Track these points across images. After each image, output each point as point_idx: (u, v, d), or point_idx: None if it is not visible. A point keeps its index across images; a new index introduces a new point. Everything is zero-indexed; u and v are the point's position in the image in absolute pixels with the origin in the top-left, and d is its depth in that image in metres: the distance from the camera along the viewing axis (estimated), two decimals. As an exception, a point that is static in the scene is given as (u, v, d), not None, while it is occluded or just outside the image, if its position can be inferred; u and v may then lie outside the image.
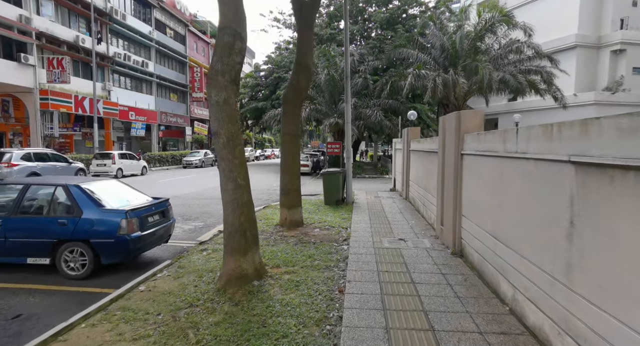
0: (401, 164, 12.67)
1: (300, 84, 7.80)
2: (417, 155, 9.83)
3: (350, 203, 10.79)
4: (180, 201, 12.19)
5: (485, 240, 4.55)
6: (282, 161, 8.02)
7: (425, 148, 8.52)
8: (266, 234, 7.30)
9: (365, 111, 23.52)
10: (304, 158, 25.05)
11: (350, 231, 7.39)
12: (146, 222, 5.66)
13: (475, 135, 5.05)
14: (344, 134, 23.94)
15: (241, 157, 4.71)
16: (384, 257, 5.56)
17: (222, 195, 4.73)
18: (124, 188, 6.37)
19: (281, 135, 8.07)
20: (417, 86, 22.42)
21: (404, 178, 11.79)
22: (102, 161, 19.60)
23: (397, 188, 14.38)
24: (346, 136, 10.96)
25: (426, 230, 7.42)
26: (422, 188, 8.90)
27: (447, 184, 6.01)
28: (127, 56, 29.52)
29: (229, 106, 4.60)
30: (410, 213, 9.29)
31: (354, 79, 24.50)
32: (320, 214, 9.30)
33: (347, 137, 10.97)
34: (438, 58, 23.32)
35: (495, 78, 20.26)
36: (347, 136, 10.97)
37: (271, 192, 15.25)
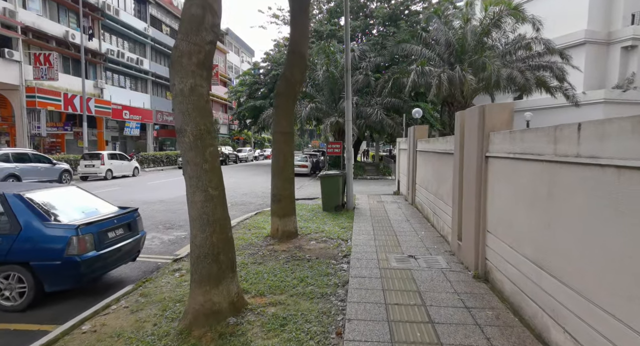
0: (406, 166, 11.68)
1: (294, 75, 6.82)
2: (426, 157, 8.85)
3: (351, 209, 9.81)
4: (165, 206, 11.23)
5: (522, 267, 3.56)
6: (273, 163, 7.05)
7: (437, 148, 7.53)
8: (254, 248, 6.32)
9: (367, 110, 22.53)
10: (303, 158, 24.08)
11: (351, 244, 6.41)
12: (105, 238, 4.69)
13: (505, 134, 4.07)
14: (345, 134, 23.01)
15: (213, 161, 3.74)
16: (392, 281, 4.58)
17: (188, 210, 3.76)
18: (84, 196, 5.39)
19: (272, 134, 7.09)
20: (421, 83, 21.47)
21: (410, 181, 10.81)
22: (91, 162, 18.64)
23: (401, 192, 13.40)
24: (346, 135, 9.99)
25: (439, 243, 6.43)
26: (432, 194, 7.91)
27: (468, 192, 5.03)
28: (121, 53, 28.58)
29: (197, 96, 3.63)
30: (418, 221, 8.30)
31: (354, 76, 23.51)
32: (317, 222, 8.32)
33: (348, 136, 9.99)
34: (443, 54, 22.33)
35: (503, 75, 19.27)
36: (348, 135, 9.99)
37: (266, 195, 14.26)
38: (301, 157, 24.83)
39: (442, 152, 7.05)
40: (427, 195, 8.57)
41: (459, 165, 5.44)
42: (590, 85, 24.32)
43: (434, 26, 22.00)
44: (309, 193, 14.46)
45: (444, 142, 6.96)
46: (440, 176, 7.26)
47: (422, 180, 9.30)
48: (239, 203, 12.17)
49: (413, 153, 10.39)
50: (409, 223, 8.12)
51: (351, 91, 10.09)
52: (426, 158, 8.85)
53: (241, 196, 13.78)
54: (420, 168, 9.75)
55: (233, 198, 13.22)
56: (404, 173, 12.92)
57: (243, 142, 54.15)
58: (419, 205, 9.65)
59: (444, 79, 19.45)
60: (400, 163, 14.01)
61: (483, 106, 4.65)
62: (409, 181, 10.95)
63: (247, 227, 7.95)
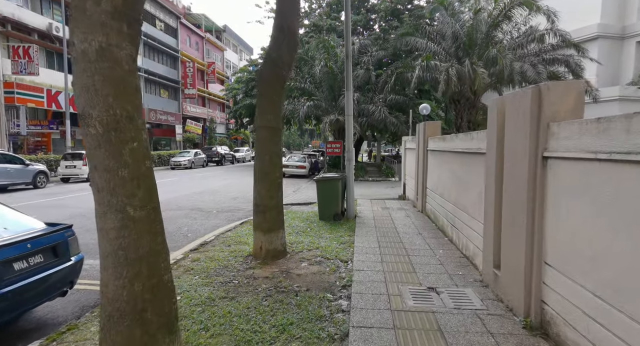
0: (414, 168, 10.34)
1: (282, 56, 5.48)
2: (441, 157, 7.49)
3: (353, 219, 8.47)
4: (141, 213, 9.88)
5: (625, 332, 2.22)
6: (256, 165, 5.72)
7: (457, 147, 6.17)
8: (229, 273, 4.98)
9: (368, 107, 21.19)
10: (301, 158, 22.75)
11: (352, 267, 5.07)
12: (10, 270, 3.36)
13: (581, 124, 2.72)
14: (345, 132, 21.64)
15: (137, 164, 2.41)
16: (411, 335, 3.23)
17: (98, 240, 2.42)
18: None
19: (255, 128, 5.75)
20: (426, 79, 20.17)
21: (419, 185, 9.46)
22: (72, 162, 17.32)
23: (408, 196, 12.05)
24: (347, 132, 8.64)
25: (463, 267, 5.08)
26: (450, 202, 6.56)
27: (511, 206, 3.68)
28: (111, 48, 27.22)
29: (110, 63, 2.29)
30: (433, 234, 6.95)
31: (355, 71, 22.19)
32: (312, 235, 6.98)
33: (348, 133, 8.65)
34: (449, 48, 20.98)
35: (517, 69, 17.93)
36: (348, 132, 8.64)
37: (259, 199, 12.90)
38: (299, 157, 23.50)
39: (465, 152, 5.70)
40: (442, 202, 7.21)
41: (496, 169, 4.09)
42: (603, 81, 22.97)
43: (440, 18, 20.68)
44: (305, 197, 13.12)
45: (467, 139, 5.61)
46: (461, 181, 5.91)
47: (435, 184, 7.94)
48: (225, 209, 10.84)
49: (423, 154, 9.04)
50: (422, 237, 6.77)
51: (352, 82, 8.75)
52: (441, 159, 7.49)
53: (230, 200, 12.44)
54: (432, 171, 8.40)
55: (220, 203, 11.88)
56: (410, 175, 11.58)
57: (241, 141, 52.82)
58: (431, 213, 8.29)
59: (453, 73, 18.12)
60: (406, 165, 12.66)
61: (538, 86, 3.30)
62: (418, 185, 9.61)
63: (226, 242, 6.61)
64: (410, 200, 11.37)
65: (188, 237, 7.60)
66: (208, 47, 45.28)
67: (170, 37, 36.48)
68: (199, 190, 15.08)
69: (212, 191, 14.80)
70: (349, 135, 8.63)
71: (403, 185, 12.93)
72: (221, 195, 13.59)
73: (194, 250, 6.17)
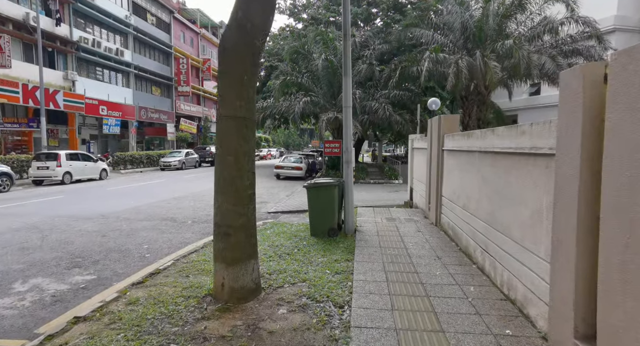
0: (425, 170, 8.78)
1: (251, 17, 3.91)
2: (465, 159, 5.91)
3: (351, 234, 6.90)
4: (99, 225, 8.32)
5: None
6: (217, 169, 4.13)
7: (491, 146, 4.58)
8: (169, 329, 3.40)
9: (371, 104, 19.61)
10: (297, 159, 21.18)
11: (349, 319, 3.51)
12: None
13: None
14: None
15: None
16: None
17: None
18: None
19: (217, 119, 4.16)
20: (434, 73, 18.61)
21: (432, 192, 7.89)
22: (45, 163, 15.76)
23: (416, 203, 10.47)
24: (344, 129, 7.06)
25: (510, 320, 3.50)
26: (481, 219, 4.97)
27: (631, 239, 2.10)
28: (97, 42, 25.73)
29: None
30: (456, 260, 5.37)
31: (357, 66, 20.65)
32: (298, 260, 5.41)
33: (346, 130, 7.06)
34: (457, 40, 19.43)
35: (535, 61, 16.36)
36: (346, 129, 7.06)
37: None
38: (295, 157, 21.91)
39: (507, 152, 4.11)
40: (466, 217, 5.64)
41: (583, 179, 2.51)
42: (621, 77, 21.43)
43: (448, 8, 19.12)
44: (299, 204, 11.56)
45: (512, 135, 4.01)
46: (499, 192, 4.33)
47: (456, 193, 6.36)
48: (202, 219, 9.27)
49: (438, 154, 7.46)
50: (441, 262, 5.19)
51: (350, 66, 7.21)
52: (464, 161, 5.91)
53: (211, 208, 10.82)
54: (450, 176, 6.82)
55: (199, 211, 10.32)
56: (419, 179, 10.01)
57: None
58: (449, 228, 6.72)
59: (463, 65, 16.57)
60: (414, 167, 11.09)
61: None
62: (430, 192, 8.03)
63: (185, 271, 5.03)
64: (419, 209, 9.79)
65: (145, 258, 6.03)
66: (203, 43, 43.73)
67: (162, 32, 34.93)
68: (181, 194, 13.51)
69: (195, 195, 13.23)
70: (347, 132, 7.05)
71: (410, 190, 11.35)
72: (204, 200, 12.02)
73: (139, 283, 4.60)
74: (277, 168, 20.15)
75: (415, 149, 11.05)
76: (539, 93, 26.03)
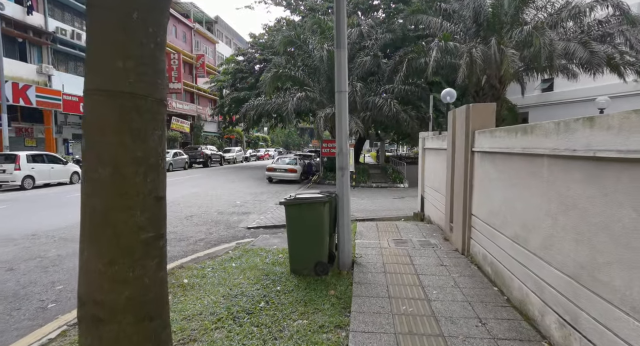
0: (444, 177, 6.83)
1: None
2: (517, 167, 3.93)
3: (348, 270, 4.94)
4: (16, 250, 6.38)
5: None
6: (82, 197, 2.14)
7: (593, 146, 2.59)
8: None
9: (374, 100, 17.65)
10: (292, 160, 19.22)
11: None
12: None
13: None
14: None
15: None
16: None
17: None
18: None
19: (84, 99, 2.21)
20: (443, 65, 16.67)
21: (456, 206, 5.94)
22: (1, 166, 13.86)
23: (429, 216, 8.51)
24: (338, 122, 5.08)
25: None
26: (562, 270, 3.01)
27: None
28: (77, 34, 23.83)
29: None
30: (515, 332, 3.40)
31: (358, 58, 18.71)
32: (260, 328, 3.44)
33: (340, 124, 5.08)
34: (469, 28, 17.46)
35: (558, 50, 14.38)
36: (340, 122, 5.08)
37: (226, 215, 9.31)
38: (290, 158, 19.93)
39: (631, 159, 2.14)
40: (521, 255, 3.67)
41: None
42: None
43: (459, -8, 17.18)
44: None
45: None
46: (611, 231, 2.36)
47: (499, 215, 4.39)
48: (160, 240, 7.29)
49: (465, 158, 5.49)
50: (488, 332, 3.23)
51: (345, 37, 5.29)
52: (515, 169, 3.94)
53: (179, 222, 8.91)
54: (487, 189, 4.84)
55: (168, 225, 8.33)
56: (434, 187, 8.05)
57: (235, 141, 49.30)
58: (486, 263, 4.75)
59: (477, 55, 14.61)
60: (426, 171, 9.12)
61: None
62: (454, 207, 6.07)
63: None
64: (435, 225, 7.82)
65: (45, 311, 4.10)
66: (197, 38, 41.81)
67: (152, 26, 32.93)
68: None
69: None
70: (341, 126, 5.09)
71: (420, 198, 9.38)
72: (173, 212, 10.09)
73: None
74: (269, 171, 18.19)
75: (427, 150, 9.08)
76: (551, 89, 24.07)
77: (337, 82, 5.05)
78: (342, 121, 5.06)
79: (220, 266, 5.23)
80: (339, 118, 5.06)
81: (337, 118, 5.07)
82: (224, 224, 8.79)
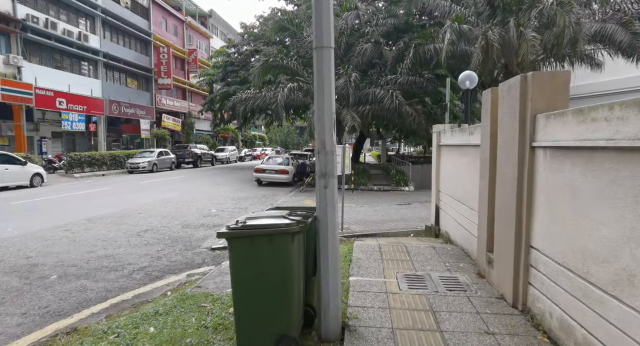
0: (476, 186, 4.88)
1: None
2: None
3: (334, 343, 2.97)
4: None
5: None
6: None
7: None
8: None
9: (374, 91, 15.66)
10: (284, 160, 17.25)
11: None
12: None
13: None
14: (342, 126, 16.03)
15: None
16: None
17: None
18: None
19: None
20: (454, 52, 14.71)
21: (500, 232, 3.99)
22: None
23: (446, 231, 6.53)
24: (317, 101, 3.12)
25: None
26: None
27: None
28: (52, 23, 21.89)
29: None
30: None
31: (358, 45, 16.74)
32: None
33: (322, 105, 3.11)
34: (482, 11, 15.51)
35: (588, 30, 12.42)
36: (322, 101, 3.11)
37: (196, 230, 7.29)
38: (282, 158, 17.94)
39: None
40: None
41: None
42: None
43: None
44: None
45: None
46: None
47: (613, 261, 2.40)
48: (87, 269, 5.33)
49: (520, 156, 3.50)
50: None
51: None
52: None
53: (126, 241, 6.92)
54: (570, 209, 2.85)
55: (96, 247, 6.36)
56: (454, 196, 6.09)
57: (230, 140, 47.25)
58: (569, 335, 2.77)
59: (494, 39, 12.65)
60: (443, 174, 7.14)
61: None
62: (497, 231, 4.10)
63: None
64: (457, 246, 5.84)
65: None
66: (190, 32, 39.84)
67: (139, 18, 31.04)
68: (107, 211, 9.60)
69: (124, 214, 9.34)
70: (323, 106, 3.09)
71: (435, 209, 7.39)
72: (127, 226, 8.13)
73: None
74: (257, 172, 16.21)
75: (444, 147, 7.10)
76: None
77: (315, 31, 3.07)
78: (324, 98, 3.09)
79: (132, 330, 3.27)
80: (320, 93, 3.09)
81: (317, 92, 3.10)
82: (184, 243, 6.83)
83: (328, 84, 3.04)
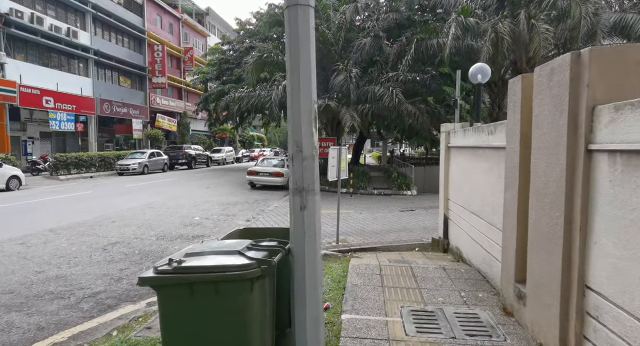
0: (498, 198, 3.96)
1: None
2: None
3: None
4: None
5: None
6: None
7: None
8: None
9: (374, 89, 14.75)
10: (279, 162, 16.32)
11: None
12: None
13: None
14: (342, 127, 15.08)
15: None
16: None
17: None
18: None
19: None
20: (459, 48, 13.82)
21: (540, 263, 3.08)
22: None
23: (457, 246, 5.60)
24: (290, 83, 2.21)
25: None
26: None
27: None
28: (38, 18, 20.99)
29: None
30: None
31: (357, 40, 15.86)
32: None
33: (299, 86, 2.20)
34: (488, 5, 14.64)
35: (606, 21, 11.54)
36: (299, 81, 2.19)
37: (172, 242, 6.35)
38: (277, 160, 17.00)
39: None
40: None
41: None
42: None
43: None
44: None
45: None
46: None
47: None
48: (38, 293, 4.40)
49: (569, 164, 2.58)
50: None
51: None
52: None
53: (87, 256, 5.99)
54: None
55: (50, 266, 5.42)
56: (467, 207, 5.16)
57: (228, 141, 46.33)
58: None
59: (504, 30, 11.76)
60: (452, 180, 6.21)
61: None
62: (535, 260, 3.18)
63: None
64: (472, 267, 4.91)
65: None
66: (186, 30, 38.97)
67: (133, 14, 30.14)
68: (78, 219, 8.67)
69: (98, 221, 8.42)
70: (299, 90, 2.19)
71: (444, 220, 6.46)
72: (93, 237, 7.21)
73: None
74: (250, 175, 15.28)
75: (454, 149, 6.18)
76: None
77: None
78: (300, 79, 2.16)
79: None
80: (294, 72, 2.17)
81: (290, 71, 2.18)
82: (154, 259, 5.90)
83: (306, 57, 2.12)
